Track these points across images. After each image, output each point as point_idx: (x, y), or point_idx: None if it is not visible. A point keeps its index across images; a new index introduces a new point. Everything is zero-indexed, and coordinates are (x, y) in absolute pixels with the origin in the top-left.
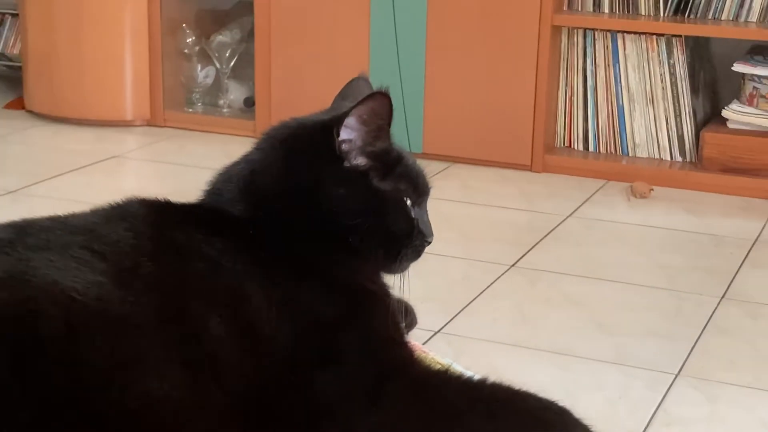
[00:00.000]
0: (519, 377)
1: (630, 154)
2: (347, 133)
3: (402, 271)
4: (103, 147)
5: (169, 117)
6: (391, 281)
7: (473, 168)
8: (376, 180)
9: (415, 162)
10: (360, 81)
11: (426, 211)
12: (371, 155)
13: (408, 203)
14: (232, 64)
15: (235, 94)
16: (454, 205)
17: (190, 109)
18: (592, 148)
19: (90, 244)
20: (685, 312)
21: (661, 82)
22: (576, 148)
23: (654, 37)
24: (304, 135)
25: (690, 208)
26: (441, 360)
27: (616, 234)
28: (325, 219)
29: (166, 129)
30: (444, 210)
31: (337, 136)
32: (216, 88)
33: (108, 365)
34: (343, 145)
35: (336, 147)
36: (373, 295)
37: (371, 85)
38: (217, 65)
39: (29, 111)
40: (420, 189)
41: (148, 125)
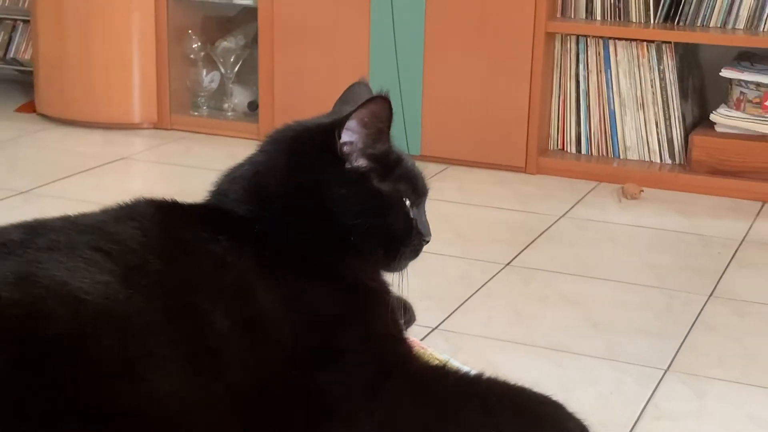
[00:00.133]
0: (514, 373)
1: (621, 156)
2: (348, 136)
3: (401, 270)
4: (112, 149)
5: (176, 120)
6: (391, 279)
7: (470, 170)
8: (376, 181)
9: (414, 164)
10: (360, 86)
11: (424, 212)
12: (371, 157)
13: (407, 204)
14: (236, 69)
15: (239, 98)
16: (451, 206)
17: (195, 113)
18: (584, 150)
19: (99, 243)
20: (675, 310)
21: (651, 87)
22: (569, 150)
23: (644, 44)
24: (306, 137)
25: (679, 209)
26: (439, 356)
27: (607, 234)
28: (327, 219)
29: (172, 132)
30: (441, 210)
31: (339, 138)
32: (221, 92)
33: (115, 363)
34: (345, 148)
35: (338, 149)
36: (374, 293)
37: (371, 90)
38: (222, 70)
39: (40, 114)
40: (419, 190)
41: (155, 128)
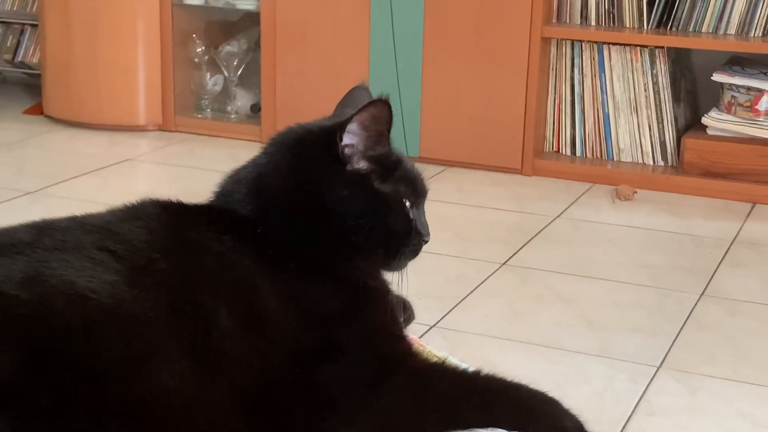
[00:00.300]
0: (510, 370)
1: (615, 158)
2: (350, 138)
3: (401, 269)
4: (117, 150)
5: (180, 122)
6: (391, 278)
7: (467, 171)
8: (376, 182)
9: (413, 165)
10: (360, 90)
11: (423, 212)
12: (372, 159)
13: (407, 204)
14: (239, 72)
15: (242, 100)
16: (449, 207)
17: (199, 115)
18: (579, 152)
19: (105, 243)
20: (667, 308)
21: (645, 90)
22: (564, 152)
23: (638, 49)
24: (309, 140)
25: (671, 210)
26: (437, 353)
27: (601, 234)
28: (329, 219)
29: (176, 133)
30: (440, 211)
31: (340, 141)
32: (224, 95)
33: (121, 360)
34: (346, 150)
35: (339, 151)
36: (374, 291)
37: (371, 94)
38: (226, 73)
39: (47, 116)
40: (418, 191)
41: (159, 130)
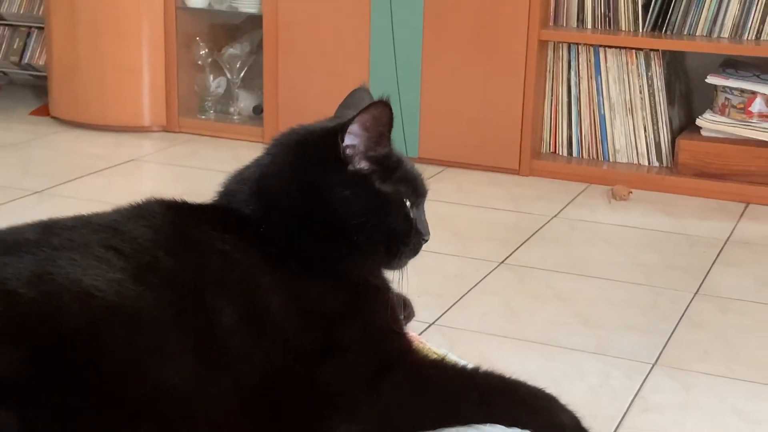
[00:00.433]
0: (508, 366)
1: (611, 159)
2: (351, 139)
3: (401, 268)
4: (122, 151)
5: (184, 123)
6: (391, 277)
7: (466, 172)
8: (377, 183)
9: (413, 166)
10: (361, 91)
11: (423, 212)
12: (373, 159)
13: (407, 204)
14: (242, 74)
15: (245, 102)
16: (448, 207)
17: (203, 116)
18: (575, 153)
19: (111, 241)
20: (662, 306)
21: (640, 93)
22: (561, 153)
23: (633, 52)
24: (310, 141)
25: (666, 209)
26: (437, 350)
27: (597, 234)
28: (331, 218)
29: (180, 134)
30: (439, 211)
31: (342, 141)
32: (227, 96)
33: (126, 357)
34: (348, 150)
35: (341, 152)
36: (375, 289)
37: (371, 95)
38: (228, 76)
39: (54, 117)
40: (418, 191)
41: (163, 131)
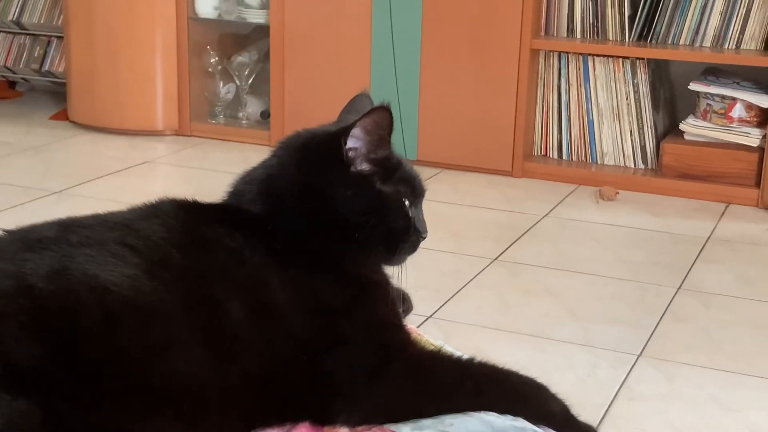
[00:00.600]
0: (501, 357)
1: (598, 161)
2: (353, 142)
3: (400, 264)
4: (137, 153)
5: (195, 127)
6: (391, 272)
7: (462, 173)
8: (378, 183)
9: (412, 167)
10: (363, 97)
11: (421, 211)
12: (374, 161)
13: (406, 204)
14: (250, 81)
15: (253, 107)
16: (445, 206)
17: (213, 121)
18: (565, 156)
19: (126, 239)
20: (646, 301)
21: (626, 99)
22: (551, 156)
23: (620, 60)
24: (315, 143)
25: (651, 209)
26: (434, 342)
27: (586, 232)
28: (334, 217)
29: (192, 138)
30: (436, 210)
31: (345, 144)
32: (236, 102)
33: (140, 348)
34: (350, 153)
35: (343, 154)
36: (375, 284)
37: (372, 101)
38: (237, 82)
39: (72, 121)
40: (417, 191)
41: (176, 134)
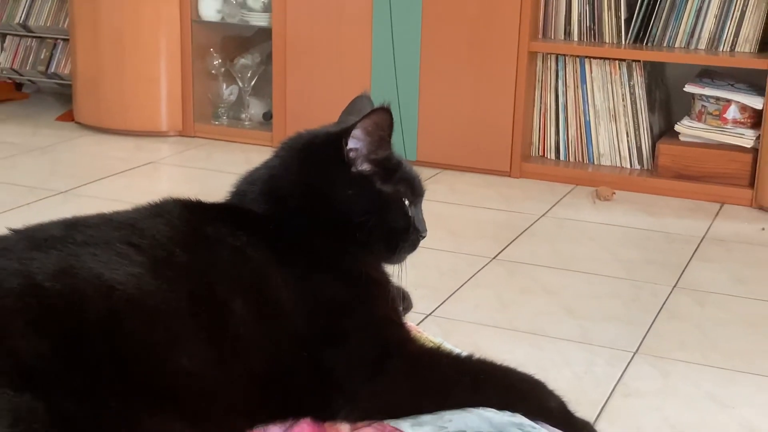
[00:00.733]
0: (499, 354)
1: (595, 162)
2: (354, 143)
3: (400, 262)
4: (142, 154)
5: (199, 128)
6: (391, 270)
7: (460, 174)
8: (378, 183)
9: (412, 168)
10: (363, 99)
11: (421, 210)
12: (374, 162)
13: (406, 203)
14: (252, 83)
15: (255, 109)
16: (443, 206)
17: (216, 122)
18: (562, 157)
19: (130, 238)
20: (642, 299)
21: (623, 100)
22: (549, 157)
23: (616, 62)
24: (316, 144)
25: (647, 209)
26: (433, 339)
27: (583, 232)
28: (335, 216)
29: (195, 139)
30: (435, 210)
31: (346, 145)
32: (239, 103)
33: (145, 345)
34: (351, 153)
35: (344, 155)
36: (376, 283)
37: (373, 102)
38: (240, 84)
39: (78, 123)
40: (416, 191)
41: (180, 135)
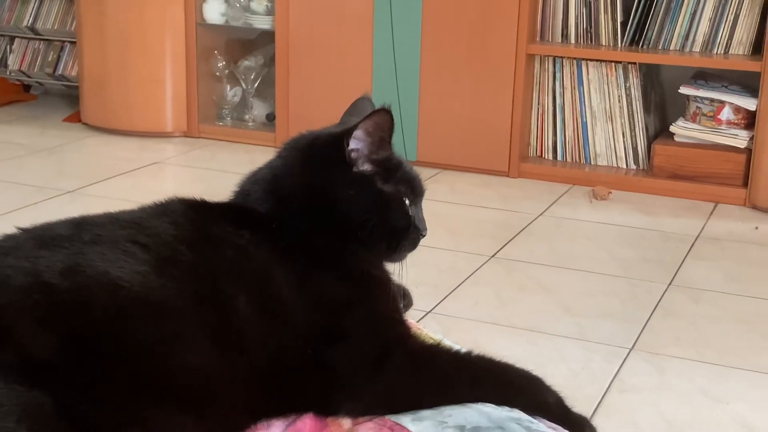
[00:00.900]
0: (498, 351)
1: (592, 162)
2: (355, 144)
3: (401, 260)
4: (147, 154)
5: (203, 129)
6: (392, 269)
7: (459, 174)
8: (379, 183)
9: (412, 168)
10: (364, 100)
11: (421, 209)
12: (375, 162)
13: (406, 203)
14: (256, 85)
15: (259, 110)
16: (443, 206)
17: (220, 123)
18: (560, 157)
19: (136, 237)
20: (638, 297)
21: (619, 102)
22: (546, 157)
23: (613, 64)
24: (318, 145)
25: (642, 208)
26: (433, 336)
27: (579, 230)
28: (337, 216)
29: (200, 139)
30: (435, 210)
31: (347, 146)
32: (242, 105)
33: (150, 342)
34: (352, 154)
35: (346, 155)
36: (377, 280)
37: (374, 104)
38: (244, 86)
39: (85, 123)
40: (416, 190)
41: (184, 136)
